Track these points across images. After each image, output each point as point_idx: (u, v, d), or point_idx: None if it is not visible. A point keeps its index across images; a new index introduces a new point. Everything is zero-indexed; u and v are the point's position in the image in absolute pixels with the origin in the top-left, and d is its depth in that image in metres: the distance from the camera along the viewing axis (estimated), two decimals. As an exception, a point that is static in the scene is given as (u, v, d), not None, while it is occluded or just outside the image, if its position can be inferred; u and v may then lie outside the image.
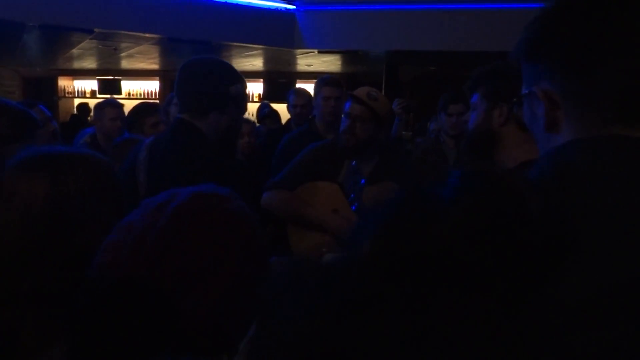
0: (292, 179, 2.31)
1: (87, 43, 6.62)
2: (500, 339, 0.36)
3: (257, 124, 4.53)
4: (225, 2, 5.97)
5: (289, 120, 3.95)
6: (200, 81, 1.74)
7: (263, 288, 0.46)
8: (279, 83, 9.16)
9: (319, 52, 6.81)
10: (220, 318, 0.73)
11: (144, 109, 3.12)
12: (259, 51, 7.08)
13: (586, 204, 0.59)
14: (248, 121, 3.43)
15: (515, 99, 0.88)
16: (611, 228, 0.58)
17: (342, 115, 2.29)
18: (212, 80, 1.75)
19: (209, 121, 1.74)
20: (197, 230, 0.74)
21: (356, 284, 0.40)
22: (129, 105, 3.53)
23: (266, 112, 4.91)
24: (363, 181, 2.11)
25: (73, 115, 9.08)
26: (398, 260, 0.41)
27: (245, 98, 1.89)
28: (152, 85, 9.94)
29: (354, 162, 2.15)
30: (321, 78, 3.14)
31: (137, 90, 10.05)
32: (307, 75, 8.89)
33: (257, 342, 0.44)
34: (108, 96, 8.86)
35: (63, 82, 10.19)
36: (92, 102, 9.06)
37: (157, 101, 9.11)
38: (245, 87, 1.86)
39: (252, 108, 8.34)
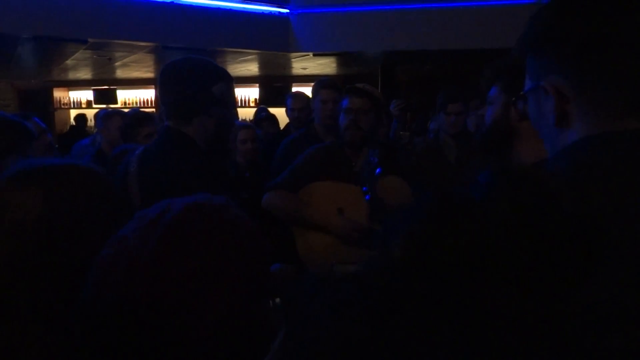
0: (293, 179, 2.28)
1: (81, 53, 6.61)
2: (538, 335, 0.35)
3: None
4: (219, 7, 5.96)
5: (288, 125, 3.93)
6: (179, 85, 1.63)
7: (292, 295, 0.46)
8: (275, 87, 9.16)
9: (314, 54, 6.80)
10: (225, 330, 0.70)
11: (139, 119, 3.08)
12: (254, 56, 7.07)
13: (613, 201, 0.57)
14: (248, 126, 3.41)
15: (517, 96, 0.85)
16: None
17: (342, 113, 2.27)
18: (192, 83, 1.63)
19: (195, 126, 1.63)
20: (194, 243, 0.71)
21: (390, 286, 0.39)
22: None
23: (263, 116, 4.90)
24: (379, 171, 2.08)
25: (72, 127, 9.05)
26: (432, 260, 0.40)
27: (232, 96, 1.77)
28: (148, 94, 9.93)
29: (371, 152, 2.12)
30: (318, 81, 3.11)
31: (133, 99, 10.04)
32: (303, 79, 8.89)
33: (288, 351, 0.43)
34: (104, 106, 8.87)
35: (58, 94, 10.17)
36: (88, 113, 9.06)
37: (154, 110, 9.11)
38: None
39: (249, 113, 8.37)
